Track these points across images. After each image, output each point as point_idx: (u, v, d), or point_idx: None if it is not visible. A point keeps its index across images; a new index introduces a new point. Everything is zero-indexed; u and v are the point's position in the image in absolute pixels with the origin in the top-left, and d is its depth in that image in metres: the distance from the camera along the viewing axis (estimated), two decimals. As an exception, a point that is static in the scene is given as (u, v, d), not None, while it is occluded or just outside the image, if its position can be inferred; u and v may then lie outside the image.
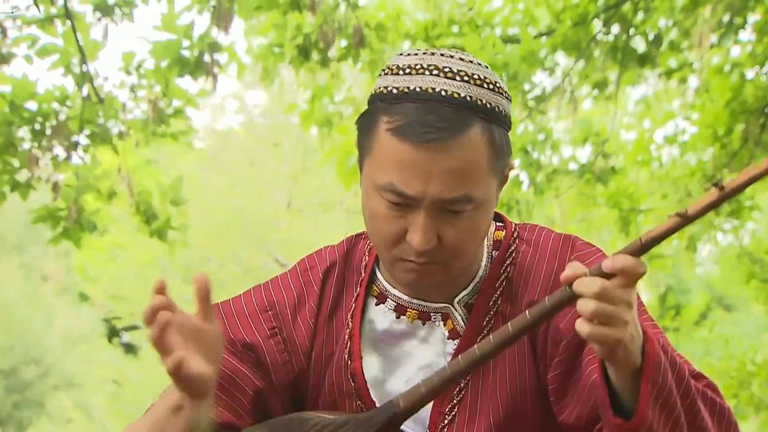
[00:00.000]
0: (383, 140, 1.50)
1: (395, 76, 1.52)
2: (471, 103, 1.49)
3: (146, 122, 6.15)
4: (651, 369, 1.36)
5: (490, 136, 1.50)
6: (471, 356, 1.42)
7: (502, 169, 1.56)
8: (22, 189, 5.97)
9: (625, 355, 1.35)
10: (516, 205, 7.22)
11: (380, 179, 1.50)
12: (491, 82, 1.53)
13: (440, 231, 1.51)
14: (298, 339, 1.68)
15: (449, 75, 1.50)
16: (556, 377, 1.58)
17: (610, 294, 1.31)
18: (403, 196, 1.49)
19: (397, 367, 1.66)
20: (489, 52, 6.61)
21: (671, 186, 8.09)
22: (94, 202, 6.25)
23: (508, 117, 1.55)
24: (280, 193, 19.06)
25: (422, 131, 1.46)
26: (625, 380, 1.38)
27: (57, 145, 5.96)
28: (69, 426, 17.75)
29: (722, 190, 1.29)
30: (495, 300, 1.63)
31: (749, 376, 9.91)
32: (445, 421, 1.62)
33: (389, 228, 1.53)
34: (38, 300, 18.10)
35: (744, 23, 6.99)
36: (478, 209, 1.52)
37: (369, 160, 1.54)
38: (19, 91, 5.90)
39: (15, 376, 17.33)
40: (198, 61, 6.20)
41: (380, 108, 1.51)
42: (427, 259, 1.53)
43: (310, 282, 1.71)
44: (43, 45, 5.93)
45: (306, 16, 6.53)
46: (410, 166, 1.47)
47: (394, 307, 1.67)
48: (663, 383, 1.37)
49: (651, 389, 1.36)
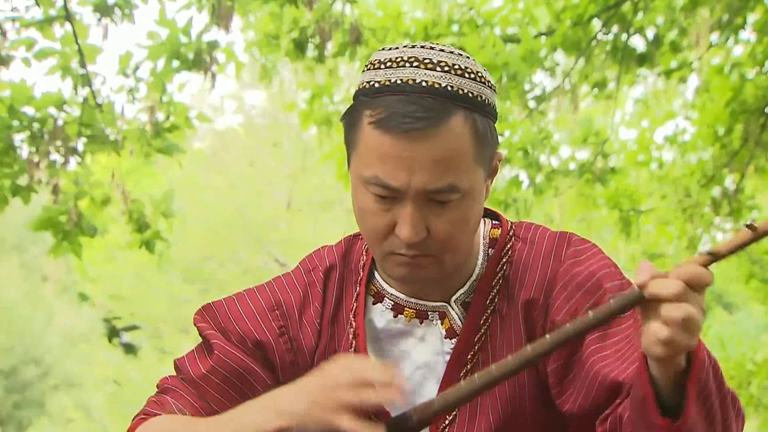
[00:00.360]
0: (366, 134, 1.50)
1: (377, 71, 1.53)
2: (452, 92, 1.49)
3: (143, 132, 6.15)
4: (699, 370, 1.34)
5: (473, 125, 1.50)
6: (487, 376, 1.41)
7: (489, 159, 1.55)
8: (23, 193, 5.97)
9: (676, 357, 1.33)
10: (514, 204, 7.22)
11: (365, 173, 1.51)
12: (473, 71, 1.53)
13: (428, 222, 1.51)
14: (304, 339, 1.68)
15: (429, 66, 1.50)
16: (555, 371, 1.57)
17: (689, 297, 1.30)
18: (388, 188, 1.49)
19: (395, 366, 1.64)
20: (489, 51, 6.61)
21: (671, 186, 8.09)
22: (87, 208, 6.24)
23: (492, 106, 1.55)
24: (279, 193, 19.07)
25: (403, 122, 1.46)
26: (668, 380, 1.35)
27: (53, 151, 5.96)
28: (69, 426, 17.76)
29: (755, 231, 1.30)
30: (492, 298, 1.63)
31: (749, 376, 9.92)
32: (446, 422, 1.61)
33: (378, 222, 1.53)
34: (38, 300, 18.11)
35: (744, 23, 6.99)
36: (465, 199, 1.51)
37: (355, 155, 1.54)
38: (17, 95, 5.90)
39: (15, 376, 17.34)
40: (197, 58, 6.20)
41: (363, 102, 1.52)
42: (417, 251, 1.52)
43: (313, 282, 1.71)
44: (42, 48, 5.92)
45: (303, 11, 6.54)
46: (393, 157, 1.47)
47: (391, 306, 1.66)
48: (706, 383, 1.36)
49: (697, 389, 1.34)
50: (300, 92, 7.68)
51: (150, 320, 17.78)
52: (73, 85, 6.03)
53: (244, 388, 1.64)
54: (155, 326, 17.87)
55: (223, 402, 1.61)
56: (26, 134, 5.91)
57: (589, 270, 1.59)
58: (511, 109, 7.15)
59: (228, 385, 1.63)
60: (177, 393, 1.65)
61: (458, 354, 1.61)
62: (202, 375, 1.64)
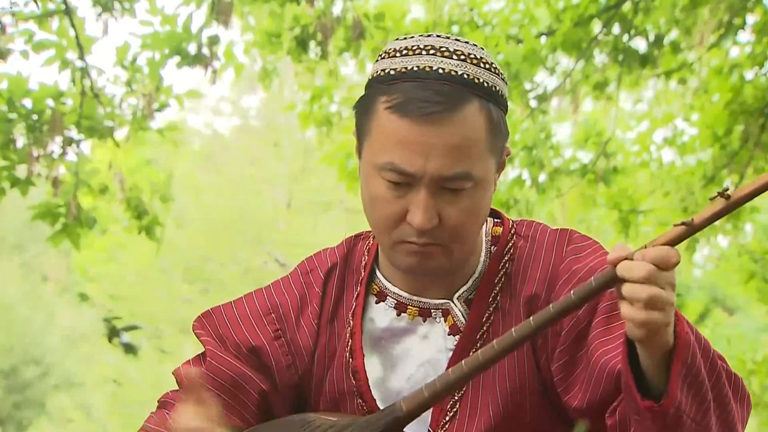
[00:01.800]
0: (382, 119, 1.51)
1: (392, 59, 1.54)
2: (468, 80, 1.50)
3: (134, 117, 6.17)
4: (682, 349, 1.34)
5: (488, 114, 1.51)
6: (474, 362, 1.42)
7: (500, 150, 1.57)
8: (21, 185, 5.98)
9: (664, 337, 1.34)
10: (515, 204, 7.22)
11: (380, 159, 1.51)
12: (487, 62, 1.54)
13: (441, 210, 1.52)
14: (301, 341, 1.69)
15: (446, 54, 1.51)
16: (560, 367, 1.58)
17: (656, 277, 1.30)
18: (403, 174, 1.50)
19: (398, 364, 1.67)
20: (491, 51, 6.61)
21: (671, 187, 8.08)
22: (84, 197, 6.26)
23: (504, 98, 1.56)
24: (279, 193, 19.05)
25: (421, 106, 1.47)
26: (655, 361, 1.36)
27: (50, 142, 5.96)
28: (69, 426, 17.74)
29: (728, 200, 1.29)
30: (494, 295, 1.64)
31: (749, 375, 9.91)
32: (446, 418, 1.62)
33: (390, 209, 1.53)
34: (38, 300, 18.09)
35: (743, 24, 6.99)
36: (477, 188, 1.53)
37: (368, 143, 1.55)
38: (15, 87, 5.90)
39: (15, 376, 17.32)
40: (198, 54, 6.21)
41: (378, 89, 1.53)
42: (428, 239, 1.53)
43: (311, 284, 1.72)
44: (40, 40, 5.92)
45: (305, 8, 6.54)
46: (410, 142, 1.48)
47: (394, 305, 1.67)
48: (692, 362, 1.36)
49: (681, 369, 1.34)
50: (300, 93, 7.68)
51: (150, 320, 17.77)
52: (71, 77, 6.03)
53: (238, 393, 1.65)
54: (155, 326, 17.86)
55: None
56: (24, 126, 5.91)
57: (589, 266, 1.60)
58: (513, 109, 7.16)
59: (222, 392, 1.64)
60: (174, 406, 1.66)
61: (461, 350, 1.62)
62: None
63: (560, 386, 1.58)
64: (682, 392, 1.35)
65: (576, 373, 1.56)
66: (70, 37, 5.91)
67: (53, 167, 6.00)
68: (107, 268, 17.80)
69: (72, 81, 6.02)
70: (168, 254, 17.74)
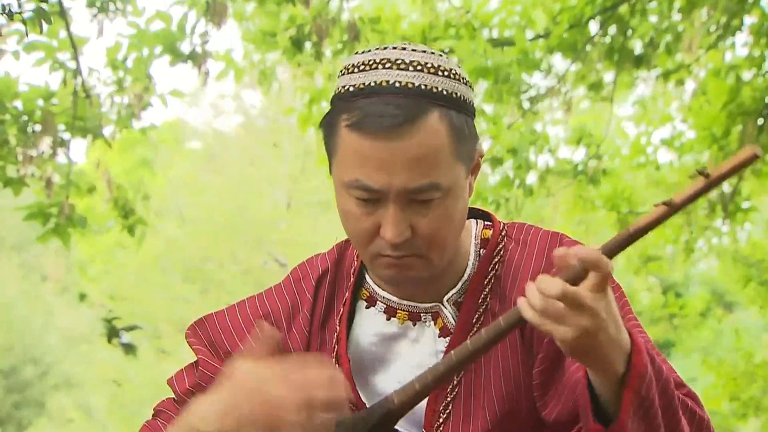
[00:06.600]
0: (344, 137, 1.50)
1: (351, 75, 1.53)
2: (426, 91, 1.49)
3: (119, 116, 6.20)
4: (635, 379, 1.35)
5: (449, 122, 1.50)
6: (463, 351, 1.42)
7: (469, 155, 1.55)
8: (14, 185, 5.98)
9: (603, 362, 1.34)
10: (505, 204, 7.20)
11: (346, 177, 1.51)
12: (446, 69, 1.53)
13: (413, 222, 1.51)
14: (293, 347, 1.69)
15: (402, 66, 1.50)
16: (540, 373, 1.58)
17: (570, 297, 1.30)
18: (369, 191, 1.49)
19: (389, 368, 1.67)
20: (481, 55, 6.61)
21: (670, 188, 8.09)
22: (74, 197, 6.28)
23: (468, 102, 1.55)
24: (279, 193, 19.04)
25: (379, 122, 1.46)
26: (608, 387, 1.37)
27: (41, 143, 5.97)
28: (69, 426, 17.76)
29: (708, 178, 1.29)
30: (484, 297, 1.64)
31: (749, 376, 9.91)
32: (440, 420, 1.62)
33: (362, 225, 1.53)
34: (37, 299, 18.11)
35: (740, 26, 7.00)
36: (447, 196, 1.52)
37: (335, 161, 1.55)
38: (5, 88, 5.91)
39: (15, 376, 17.34)
40: (193, 53, 6.22)
41: (339, 107, 1.52)
42: (403, 251, 1.53)
43: (303, 291, 1.73)
44: (31, 41, 5.92)
45: (300, 9, 6.55)
46: (372, 159, 1.47)
47: (384, 309, 1.68)
48: (646, 394, 1.37)
49: (633, 399, 1.35)
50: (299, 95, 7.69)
51: (150, 320, 17.76)
52: (63, 78, 6.03)
53: None
54: (155, 326, 17.86)
55: None
56: (15, 127, 5.92)
57: None
58: (505, 110, 7.16)
59: None
60: (168, 415, 1.68)
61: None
62: (187, 390, 1.67)
63: (536, 392, 1.59)
64: (634, 421, 1.36)
65: (551, 383, 1.56)
66: (61, 39, 5.91)
67: (44, 168, 6.01)
68: (107, 268, 17.82)
69: (63, 82, 6.02)
70: (168, 254, 17.76)
